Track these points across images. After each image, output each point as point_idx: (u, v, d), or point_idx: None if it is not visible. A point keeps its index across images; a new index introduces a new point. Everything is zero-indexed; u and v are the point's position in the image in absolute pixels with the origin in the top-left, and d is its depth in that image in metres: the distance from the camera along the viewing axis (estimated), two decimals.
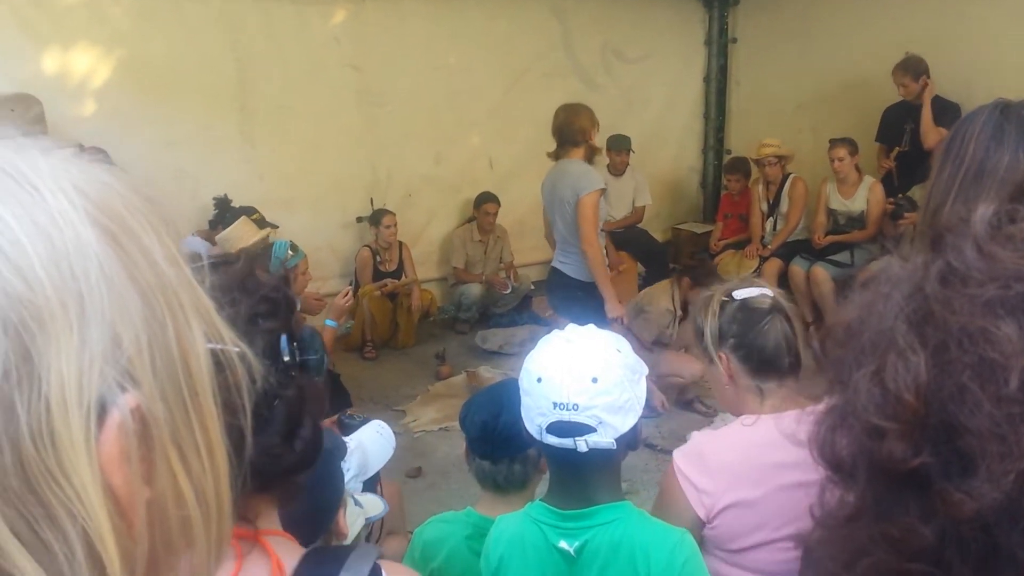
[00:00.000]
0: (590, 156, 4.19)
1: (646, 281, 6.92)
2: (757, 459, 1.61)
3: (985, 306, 0.43)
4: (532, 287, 6.61)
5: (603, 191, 4.10)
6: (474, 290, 6.44)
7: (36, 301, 0.39)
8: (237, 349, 0.51)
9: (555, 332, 1.55)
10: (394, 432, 4.78)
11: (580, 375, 1.41)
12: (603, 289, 4.12)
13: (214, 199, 5.34)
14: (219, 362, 0.50)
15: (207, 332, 0.49)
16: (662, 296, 5.07)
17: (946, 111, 5.17)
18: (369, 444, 2.03)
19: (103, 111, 5.20)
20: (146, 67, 5.32)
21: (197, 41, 5.49)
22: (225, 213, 5.17)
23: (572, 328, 1.54)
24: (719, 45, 7.38)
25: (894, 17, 5.78)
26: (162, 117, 5.41)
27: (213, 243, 4.52)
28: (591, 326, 1.56)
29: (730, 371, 1.72)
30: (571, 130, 4.13)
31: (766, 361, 1.69)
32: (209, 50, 5.55)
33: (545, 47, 6.77)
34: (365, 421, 2.34)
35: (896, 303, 0.48)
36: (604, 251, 4.40)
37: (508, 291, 6.59)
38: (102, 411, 0.41)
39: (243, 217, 4.65)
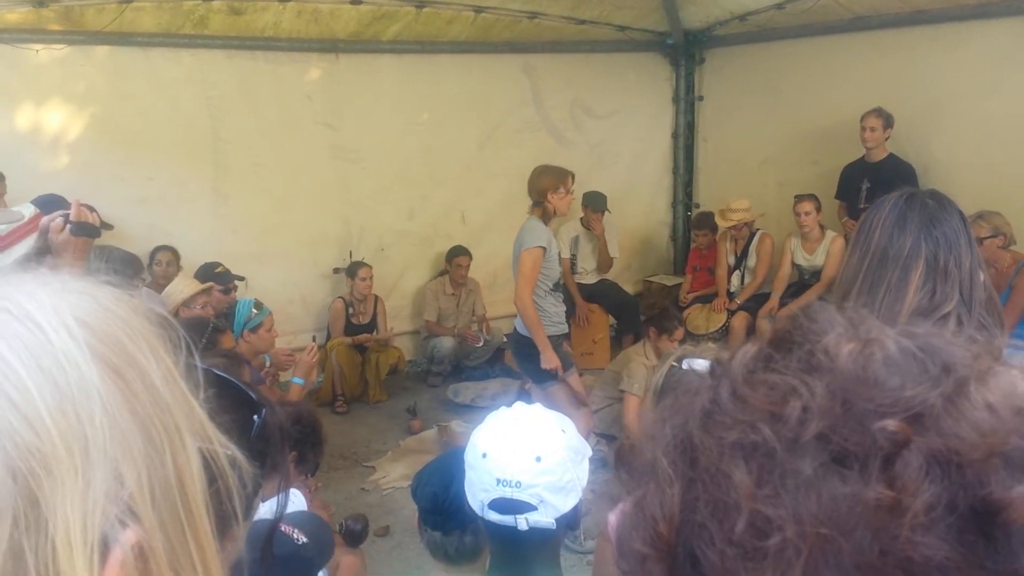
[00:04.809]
0: (546, 217, 4.29)
1: (617, 332, 7.01)
2: None
3: (729, 449, 0.45)
4: (504, 340, 6.62)
5: (544, 250, 4.20)
6: (446, 343, 6.47)
7: (43, 448, 0.41)
8: (229, 452, 0.53)
9: (503, 409, 1.60)
10: (363, 489, 4.80)
11: (524, 453, 1.45)
12: (537, 341, 4.20)
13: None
14: (211, 473, 0.51)
15: (201, 446, 0.50)
16: (635, 355, 5.17)
17: (901, 171, 5.30)
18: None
19: (76, 167, 5.23)
20: (119, 124, 5.39)
21: (171, 98, 5.57)
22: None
23: (520, 406, 1.59)
24: (686, 102, 7.57)
25: (855, 76, 5.92)
26: (135, 173, 5.46)
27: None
28: (538, 405, 1.62)
29: None
30: (532, 190, 4.33)
31: None
32: (183, 107, 5.63)
33: (516, 104, 6.92)
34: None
35: (666, 436, 0.51)
36: (562, 305, 4.47)
37: (480, 344, 6.63)
38: (105, 549, 0.42)
39: (181, 274, 4.73)
